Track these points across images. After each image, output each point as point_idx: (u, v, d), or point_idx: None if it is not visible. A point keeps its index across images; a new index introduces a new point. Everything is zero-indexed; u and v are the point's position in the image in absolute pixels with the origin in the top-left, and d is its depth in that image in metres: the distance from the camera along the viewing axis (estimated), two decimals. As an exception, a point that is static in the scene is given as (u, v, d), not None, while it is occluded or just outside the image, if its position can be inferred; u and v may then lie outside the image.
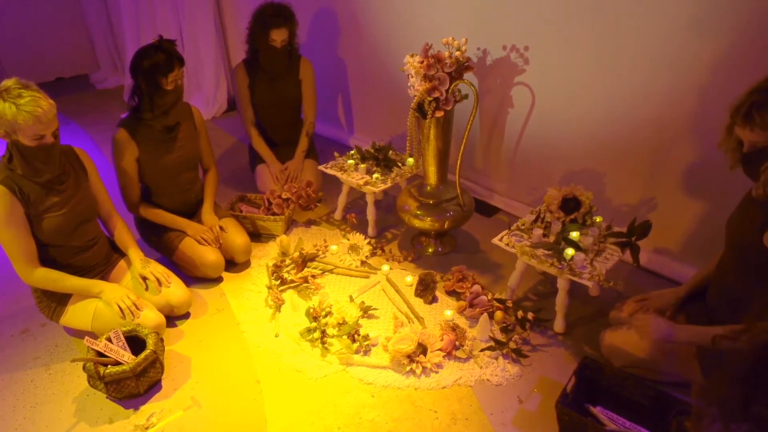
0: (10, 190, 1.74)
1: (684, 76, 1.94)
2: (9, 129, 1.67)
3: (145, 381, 1.80)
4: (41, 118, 1.66)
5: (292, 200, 2.68)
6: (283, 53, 2.79)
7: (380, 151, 2.66)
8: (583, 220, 2.04)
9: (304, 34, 3.45)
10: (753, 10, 1.72)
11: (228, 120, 4.21)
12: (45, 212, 1.83)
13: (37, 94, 1.67)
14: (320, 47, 3.44)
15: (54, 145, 1.77)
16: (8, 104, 1.62)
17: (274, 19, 2.68)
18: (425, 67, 2.06)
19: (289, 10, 2.75)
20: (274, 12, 2.70)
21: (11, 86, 1.64)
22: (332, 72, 3.45)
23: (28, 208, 1.79)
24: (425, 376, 1.86)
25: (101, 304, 1.94)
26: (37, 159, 1.75)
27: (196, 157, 2.45)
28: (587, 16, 2.12)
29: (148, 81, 2.12)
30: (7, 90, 1.63)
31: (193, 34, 4.04)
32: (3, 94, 1.63)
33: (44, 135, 1.71)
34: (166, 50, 2.12)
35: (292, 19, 2.75)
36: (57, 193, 1.87)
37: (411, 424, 1.69)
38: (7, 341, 2.07)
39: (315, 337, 2.00)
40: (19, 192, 1.76)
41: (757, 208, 1.43)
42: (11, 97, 1.62)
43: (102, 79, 5.04)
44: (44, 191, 1.83)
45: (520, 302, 2.18)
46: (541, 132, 2.50)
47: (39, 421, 1.74)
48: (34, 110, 1.64)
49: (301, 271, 2.36)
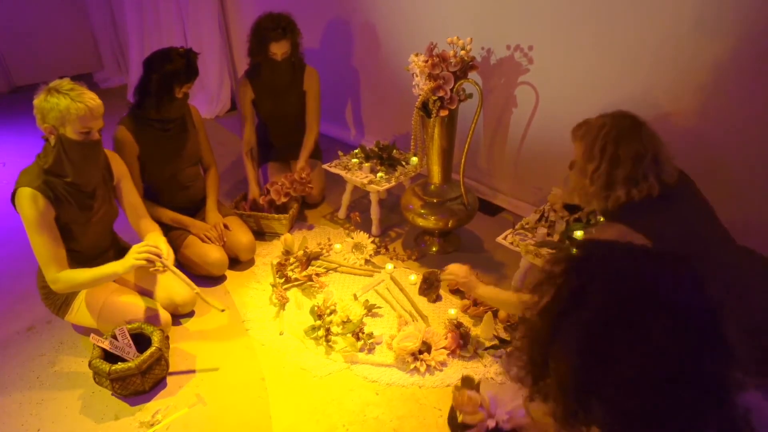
0: (44, 195, 1.74)
1: (686, 75, 1.95)
2: (58, 122, 1.68)
3: (151, 378, 1.81)
4: (94, 111, 1.71)
5: (289, 193, 2.62)
6: (286, 66, 2.67)
7: (384, 150, 2.66)
8: (587, 219, 2.04)
9: (308, 35, 3.46)
10: (754, 9, 1.72)
11: (231, 119, 4.21)
12: (72, 222, 1.84)
13: (91, 92, 1.73)
14: (325, 47, 3.44)
15: (99, 142, 1.80)
16: (62, 96, 1.66)
17: (272, 32, 2.53)
18: (430, 66, 2.06)
19: (289, 20, 2.60)
20: (272, 24, 2.54)
21: (62, 83, 1.69)
22: (337, 71, 3.46)
23: (59, 212, 1.79)
24: (429, 374, 1.86)
25: (108, 301, 1.95)
26: (81, 156, 1.76)
27: (197, 155, 2.46)
28: (591, 16, 2.12)
29: (162, 85, 2.13)
30: (58, 86, 1.68)
31: (196, 33, 4.05)
32: (53, 90, 1.67)
33: (91, 130, 1.74)
34: (190, 61, 2.14)
35: (293, 30, 2.61)
36: (88, 208, 1.89)
37: (415, 422, 1.69)
38: (12, 338, 2.08)
39: (319, 335, 2.01)
40: (54, 199, 1.77)
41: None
42: (64, 90, 1.67)
43: (105, 79, 5.05)
44: (77, 198, 1.84)
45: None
46: (545, 131, 2.50)
47: (45, 417, 1.75)
48: (88, 101, 1.69)
49: (305, 269, 2.36)
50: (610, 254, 0.73)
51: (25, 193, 1.72)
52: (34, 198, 1.72)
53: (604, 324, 0.69)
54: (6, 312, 2.22)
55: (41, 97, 1.67)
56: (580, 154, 1.54)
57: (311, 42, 3.40)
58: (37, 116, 1.70)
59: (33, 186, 1.72)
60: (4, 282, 2.40)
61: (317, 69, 2.84)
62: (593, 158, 1.48)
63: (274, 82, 2.73)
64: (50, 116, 1.67)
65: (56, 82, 1.70)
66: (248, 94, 2.78)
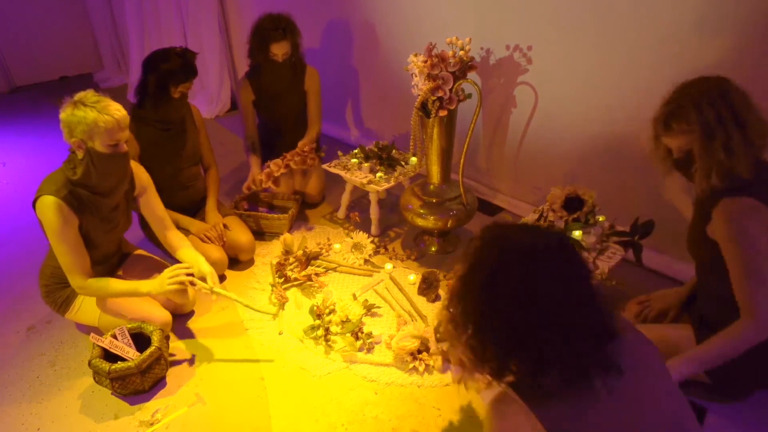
0: (69, 205, 1.74)
1: (689, 75, 1.91)
2: (86, 135, 1.67)
3: (150, 377, 1.81)
4: (121, 122, 1.70)
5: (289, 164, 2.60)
6: (287, 66, 2.66)
7: (384, 150, 2.67)
8: (586, 219, 2.04)
9: (307, 35, 3.46)
10: (756, 9, 1.72)
11: (231, 119, 4.22)
12: (91, 231, 1.85)
13: (116, 103, 1.71)
14: (324, 47, 3.45)
15: (127, 154, 1.80)
16: (89, 109, 1.65)
17: (272, 33, 2.52)
18: (429, 66, 2.06)
19: (289, 20, 2.59)
20: (272, 25, 2.53)
21: (87, 95, 1.68)
22: (336, 71, 3.46)
23: (82, 222, 1.79)
24: (428, 373, 1.86)
25: (109, 300, 1.96)
26: (110, 168, 1.77)
27: (197, 155, 2.46)
28: (590, 16, 2.12)
29: (158, 84, 2.13)
30: (83, 98, 1.67)
31: (196, 33, 4.06)
32: (79, 103, 1.66)
33: (119, 141, 1.73)
34: (187, 61, 2.13)
35: (293, 30, 2.60)
36: (109, 220, 1.91)
37: (414, 422, 1.70)
38: (12, 338, 2.09)
39: (319, 334, 2.01)
40: (78, 209, 1.77)
41: (699, 206, 1.53)
42: (90, 103, 1.66)
43: (105, 78, 5.07)
44: (101, 210, 1.85)
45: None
46: (545, 131, 2.51)
47: (45, 416, 1.76)
48: (114, 113, 1.67)
49: (304, 269, 2.37)
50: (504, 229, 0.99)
51: (49, 202, 1.71)
52: (59, 207, 1.71)
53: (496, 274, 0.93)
54: (6, 312, 2.22)
55: (67, 110, 1.66)
56: (694, 140, 1.39)
57: (311, 42, 3.41)
58: (64, 130, 1.69)
59: (59, 196, 1.72)
60: (4, 282, 2.40)
61: (316, 69, 2.84)
62: (716, 132, 1.34)
63: (275, 83, 2.72)
64: (78, 130, 1.66)
65: (81, 94, 1.68)
66: (249, 95, 2.77)
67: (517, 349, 0.92)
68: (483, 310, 0.94)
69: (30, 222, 2.86)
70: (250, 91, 2.76)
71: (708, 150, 1.37)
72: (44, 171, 3.60)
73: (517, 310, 0.90)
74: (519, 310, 0.90)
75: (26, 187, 3.26)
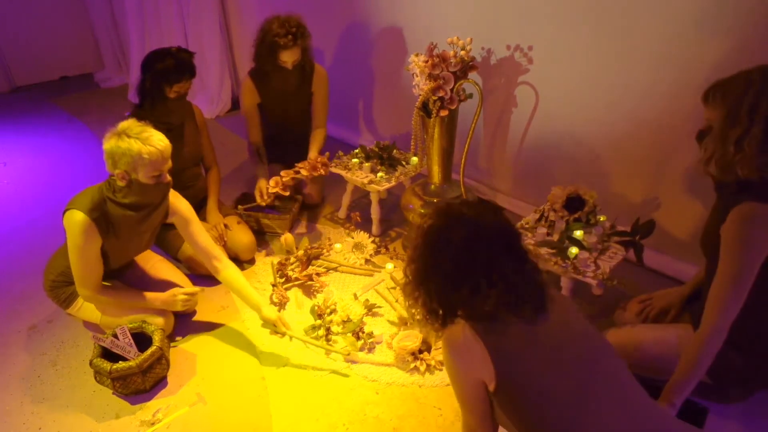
0: (98, 227, 1.75)
1: (689, 75, 1.95)
2: (130, 167, 1.68)
3: (151, 377, 1.81)
4: (164, 153, 1.70)
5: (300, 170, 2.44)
6: (296, 71, 2.53)
7: (384, 149, 2.67)
8: (587, 218, 2.04)
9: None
10: (759, 9, 1.73)
11: (232, 119, 4.22)
12: (111, 251, 1.86)
13: (158, 133, 1.72)
14: (325, 47, 3.45)
15: (169, 184, 1.81)
16: (133, 140, 1.65)
17: (282, 40, 2.34)
18: (430, 66, 2.07)
19: (300, 23, 2.41)
20: (283, 30, 2.33)
21: (131, 126, 1.68)
22: (337, 71, 3.46)
23: (106, 242, 1.80)
24: (429, 373, 1.86)
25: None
26: (150, 197, 1.79)
27: (198, 155, 2.46)
28: (591, 16, 2.12)
29: (154, 84, 2.13)
30: (127, 130, 1.67)
31: (197, 33, 4.06)
32: (124, 135, 1.66)
33: (162, 172, 1.74)
34: (180, 60, 2.12)
35: (304, 34, 2.42)
36: (134, 244, 1.94)
37: (415, 421, 1.70)
38: (14, 338, 2.09)
39: (320, 334, 2.02)
40: (106, 232, 1.78)
41: (719, 202, 1.49)
42: (134, 134, 1.66)
43: (106, 78, 5.06)
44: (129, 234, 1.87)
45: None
46: (545, 131, 2.51)
47: (46, 416, 1.76)
48: (157, 144, 1.68)
49: (305, 269, 2.37)
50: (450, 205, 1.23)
51: (80, 218, 1.71)
52: (87, 226, 1.72)
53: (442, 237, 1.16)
54: (7, 311, 2.22)
55: (111, 141, 1.66)
56: (718, 118, 1.35)
57: (311, 42, 3.41)
58: (108, 161, 1.69)
59: (91, 216, 1.72)
60: (5, 282, 2.40)
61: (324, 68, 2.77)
62: (739, 122, 1.30)
63: (284, 88, 2.62)
64: (122, 162, 1.67)
65: (125, 125, 1.68)
66: (253, 98, 2.67)
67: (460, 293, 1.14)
68: (432, 267, 1.17)
69: (30, 222, 2.87)
70: (255, 94, 2.66)
71: (722, 136, 1.34)
72: (44, 171, 3.60)
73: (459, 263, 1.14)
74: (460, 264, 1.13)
75: (26, 187, 3.27)
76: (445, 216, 1.19)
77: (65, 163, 3.56)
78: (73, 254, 1.77)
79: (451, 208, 1.20)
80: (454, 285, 1.15)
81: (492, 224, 1.16)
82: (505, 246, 1.15)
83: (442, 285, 1.17)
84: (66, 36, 5.05)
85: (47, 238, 2.59)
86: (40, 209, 2.99)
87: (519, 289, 1.13)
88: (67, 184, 3.26)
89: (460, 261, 1.14)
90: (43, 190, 3.22)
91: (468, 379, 1.17)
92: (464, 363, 1.17)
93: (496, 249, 1.13)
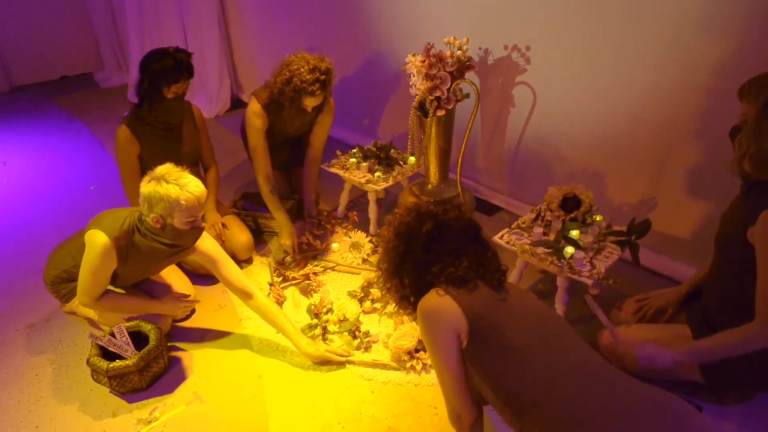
0: (118, 255, 1.76)
1: (688, 76, 1.95)
2: (167, 211, 1.68)
3: (148, 375, 1.82)
4: (200, 199, 1.70)
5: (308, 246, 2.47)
6: (313, 111, 2.36)
7: (382, 149, 2.67)
8: (583, 218, 2.05)
9: (306, 34, 3.47)
10: (760, 10, 1.72)
11: (231, 118, 4.22)
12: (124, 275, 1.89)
13: (195, 178, 1.72)
14: (322, 46, 3.45)
15: (202, 229, 1.83)
16: (171, 186, 1.65)
17: (311, 87, 2.16)
18: (427, 66, 2.07)
19: (329, 69, 2.22)
20: (311, 77, 2.14)
21: (170, 171, 1.69)
22: (335, 71, 3.46)
23: (120, 267, 1.82)
24: (425, 372, 1.87)
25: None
26: (181, 241, 1.80)
27: (197, 155, 2.47)
28: (589, 16, 2.12)
29: (152, 84, 2.14)
30: (166, 174, 1.67)
31: (196, 33, 4.06)
32: (162, 180, 1.66)
33: (197, 218, 1.74)
34: (178, 60, 2.13)
35: (332, 82, 2.26)
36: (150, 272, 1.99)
37: (411, 420, 1.70)
38: (12, 336, 2.10)
39: (316, 333, 2.02)
40: (125, 259, 1.79)
41: (743, 201, 1.46)
42: (173, 179, 1.66)
43: (106, 78, 5.07)
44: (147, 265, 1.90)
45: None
46: (542, 131, 2.51)
47: (43, 414, 1.76)
48: (194, 190, 1.68)
49: (302, 268, 2.38)
50: (419, 203, 1.37)
51: (102, 241, 1.72)
52: (108, 251, 1.73)
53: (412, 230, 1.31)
54: (5, 310, 2.23)
55: (150, 186, 1.67)
56: (753, 113, 1.33)
57: (309, 42, 3.42)
58: (144, 204, 1.70)
59: (115, 244, 1.73)
60: (4, 281, 2.41)
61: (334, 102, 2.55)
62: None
63: (297, 123, 2.47)
64: (159, 207, 1.67)
65: (163, 170, 1.69)
66: (262, 124, 2.40)
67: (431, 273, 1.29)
68: (404, 255, 1.31)
69: (30, 221, 2.88)
70: (264, 119, 2.39)
71: (756, 132, 1.32)
72: (44, 171, 3.60)
73: (429, 251, 1.29)
74: (430, 251, 1.29)
75: (26, 186, 3.27)
76: (415, 212, 1.33)
77: (65, 163, 3.57)
78: (85, 269, 1.78)
79: (419, 206, 1.35)
80: (425, 270, 1.29)
81: (456, 218, 1.31)
82: (469, 237, 1.32)
83: (414, 272, 1.31)
84: (66, 36, 5.06)
85: (47, 237, 2.59)
86: (40, 209, 3.00)
87: (484, 262, 1.30)
88: (66, 184, 3.27)
89: (430, 249, 1.29)
90: (42, 189, 3.23)
91: (444, 341, 1.24)
92: (438, 321, 1.25)
93: (462, 237, 1.30)
